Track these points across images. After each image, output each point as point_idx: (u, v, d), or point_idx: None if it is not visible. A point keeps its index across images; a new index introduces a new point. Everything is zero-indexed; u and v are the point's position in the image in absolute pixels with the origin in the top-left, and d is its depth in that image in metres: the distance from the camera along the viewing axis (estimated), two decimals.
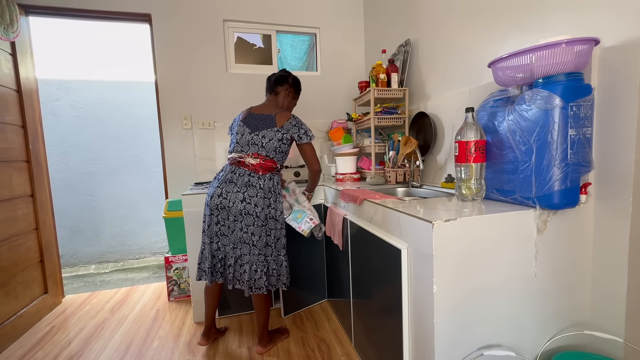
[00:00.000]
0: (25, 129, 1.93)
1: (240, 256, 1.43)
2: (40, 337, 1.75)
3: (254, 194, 1.41)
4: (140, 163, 3.20)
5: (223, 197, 1.42)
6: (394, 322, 1.06)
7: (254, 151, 1.45)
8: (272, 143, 1.45)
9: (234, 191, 1.41)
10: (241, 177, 1.43)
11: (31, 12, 2.01)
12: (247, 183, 1.42)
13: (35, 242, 1.96)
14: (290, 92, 1.61)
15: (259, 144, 1.45)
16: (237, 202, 1.40)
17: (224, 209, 1.42)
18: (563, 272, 0.99)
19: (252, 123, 1.48)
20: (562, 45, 0.85)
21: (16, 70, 1.88)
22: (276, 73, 1.62)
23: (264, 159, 1.45)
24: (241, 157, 1.45)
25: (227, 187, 1.43)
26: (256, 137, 1.45)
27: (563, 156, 0.87)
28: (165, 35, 2.21)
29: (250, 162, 1.43)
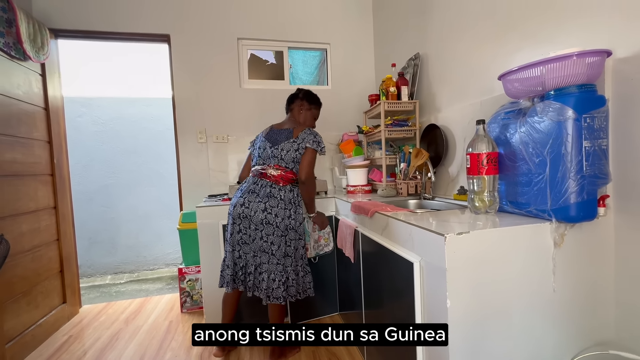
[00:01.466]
0: (51, 144, 2.03)
1: (260, 264, 1.47)
2: (58, 346, 1.79)
3: (275, 204, 1.46)
4: (156, 176, 3.29)
5: (245, 207, 1.47)
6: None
7: (275, 163, 1.52)
8: (290, 154, 1.51)
9: (256, 201, 1.46)
10: (263, 187, 1.49)
11: (60, 35, 2.15)
12: (269, 194, 1.47)
13: (56, 253, 2.03)
14: (303, 105, 1.66)
15: (278, 156, 1.52)
16: (258, 212, 1.45)
17: (246, 218, 1.47)
18: (583, 287, 0.96)
19: (272, 138, 1.58)
20: (573, 58, 0.85)
21: (45, 89, 2.00)
22: (294, 92, 1.72)
23: (284, 170, 1.51)
24: (264, 169, 1.53)
25: (249, 197, 1.49)
26: (276, 150, 1.53)
27: (578, 168, 0.86)
28: (182, 54, 2.31)
29: (272, 174, 1.50)
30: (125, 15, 2.21)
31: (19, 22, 1.69)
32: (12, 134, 1.70)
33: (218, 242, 1.82)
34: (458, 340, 0.85)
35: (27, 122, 1.83)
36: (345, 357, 1.59)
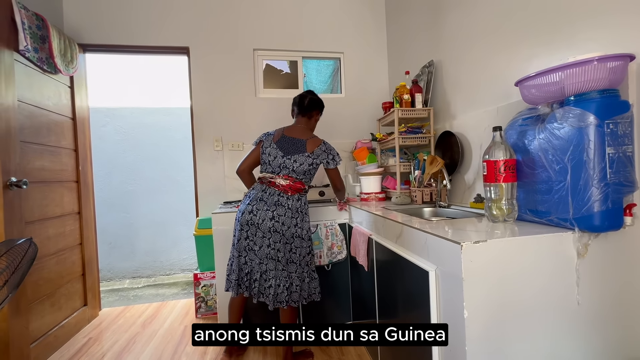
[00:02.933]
0: (77, 153, 2.13)
1: (266, 271, 1.48)
2: (78, 348, 1.84)
3: (283, 213, 1.48)
4: (173, 183, 3.39)
5: (253, 214, 1.49)
6: (423, 348, 1.01)
7: (285, 173, 1.53)
8: (303, 167, 1.53)
9: (264, 209, 1.48)
10: (271, 196, 1.50)
11: (88, 49, 2.28)
12: (277, 202, 1.49)
13: (79, 257, 2.11)
14: (319, 116, 1.73)
15: (290, 167, 1.52)
16: (266, 220, 1.47)
17: (254, 225, 1.49)
18: (611, 300, 0.91)
19: (284, 147, 1.55)
20: (593, 63, 0.84)
21: (72, 100, 2.12)
22: (306, 95, 1.66)
23: (293, 180, 1.53)
24: (272, 177, 1.53)
25: (257, 204, 1.50)
26: (288, 160, 1.53)
27: (602, 175, 0.83)
28: (201, 65, 2.40)
29: (281, 183, 1.51)
30: (148, 29, 2.32)
31: (51, 39, 1.81)
32: (43, 142, 1.80)
33: None
34: (476, 351, 0.82)
35: (56, 131, 1.94)
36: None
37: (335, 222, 1.90)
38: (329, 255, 1.86)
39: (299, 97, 1.66)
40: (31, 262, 1.15)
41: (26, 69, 1.69)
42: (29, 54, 1.66)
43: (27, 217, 1.62)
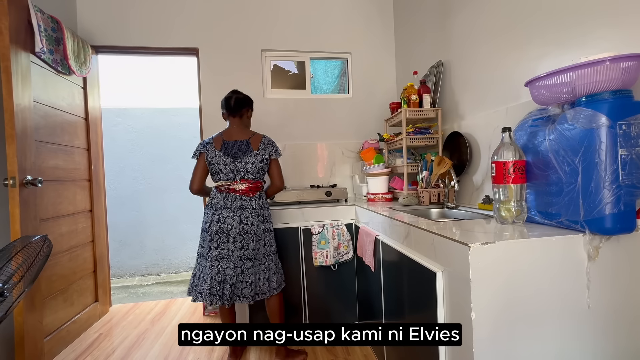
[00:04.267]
0: (89, 152, 2.18)
1: (243, 272, 1.53)
2: (90, 343, 1.89)
3: (249, 215, 1.53)
4: (182, 182, 3.43)
5: (222, 223, 1.51)
6: (430, 350, 1.01)
7: (240, 177, 1.54)
8: (255, 166, 1.55)
9: (230, 215, 1.51)
10: (234, 202, 1.53)
11: (100, 51, 2.33)
12: (241, 206, 1.53)
13: (90, 254, 2.15)
14: (250, 112, 1.69)
15: (243, 170, 1.53)
16: (234, 225, 1.51)
17: (224, 233, 1.51)
18: (623, 305, 0.89)
19: (230, 151, 1.53)
20: (606, 63, 0.82)
21: (85, 101, 2.17)
22: (230, 96, 1.62)
23: (251, 182, 1.56)
24: (230, 184, 1.54)
25: (223, 212, 1.52)
26: (240, 164, 1.53)
27: (614, 177, 0.81)
28: (209, 66, 2.43)
29: (240, 188, 1.54)
30: (158, 31, 2.36)
31: (66, 41, 1.85)
32: (57, 142, 1.85)
33: None
34: (483, 354, 0.82)
35: (70, 131, 1.98)
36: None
37: (342, 222, 1.90)
38: (335, 255, 1.86)
39: (225, 100, 1.62)
40: (45, 259, 1.18)
41: (41, 70, 1.74)
42: (45, 56, 1.71)
43: (41, 215, 1.66)
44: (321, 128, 2.55)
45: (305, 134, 2.53)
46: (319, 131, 2.54)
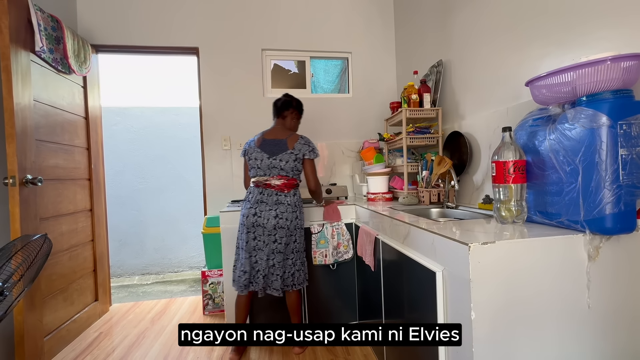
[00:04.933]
0: (89, 151, 2.18)
1: (273, 265, 1.61)
2: (90, 342, 1.89)
3: (284, 210, 1.61)
4: (182, 181, 3.43)
5: (258, 216, 1.59)
6: (430, 349, 1.01)
7: (276, 173, 1.62)
8: (289, 164, 1.62)
9: (266, 209, 1.60)
10: (270, 196, 1.62)
11: (100, 50, 2.32)
12: (277, 201, 1.61)
13: (90, 253, 2.15)
14: (295, 114, 1.77)
15: (278, 167, 1.62)
16: (270, 219, 1.59)
17: (260, 226, 1.60)
18: (623, 305, 0.89)
19: (268, 149, 1.64)
20: (607, 62, 0.82)
21: (85, 100, 2.17)
22: (280, 98, 1.77)
23: (286, 179, 1.63)
24: (267, 179, 1.62)
25: (259, 206, 1.61)
26: (275, 161, 1.62)
27: (614, 177, 0.81)
28: (210, 65, 2.42)
29: (276, 183, 1.62)
30: (158, 30, 2.36)
31: (66, 40, 1.85)
32: (57, 141, 1.85)
33: None
34: (483, 354, 0.82)
35: (70, 130, 1.98)
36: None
37: (341, 221, 1.90)
38: (335, 254, 1.86)
39: (275, 101, 1.77)
40: (45, 258, 1.18)
41: (42, 69, 1.74)
42: (45, 55, 1.70)
43: (41, 214, 1.66)
44: (321, 127, 2.55)
45: (305, 134, 2.48)
46: (319, 131, 2.54)
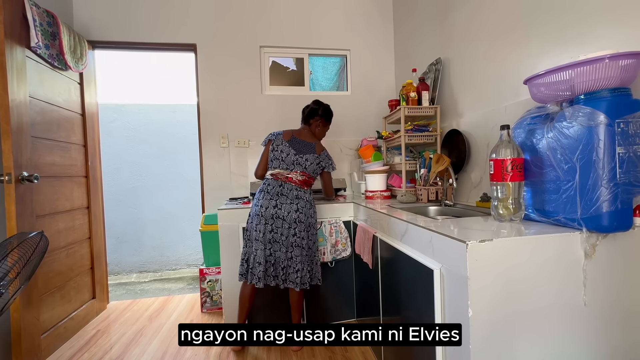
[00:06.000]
0: (86, 148, 2.17)
1: (292, 258, 1.62)
2: (87, 339, 1.88)
3: (304, 205, 1.65)
4: (180, 179, 3.42)
5: (278, 208, 1.62)
6: (427, 347, 1.01)
7: (300, 170, 1.68)
8: (312, 166, 1.70)
9: (288, 203, 1.63)
10: (290, 191, 1.66)
11: (97, 46, 2.30)
12: (297, 196, 1.65)
13: (87, 251, 2.15)
14: (321, 122, 1.81)
15: (303, 164, 1.68)
16: (291, 212, 1.62)
17: (279, 218, 1.62)
18: (618, 302, 0.90)
19: (296, 146, 1.71)
20: (605, 60, 0.82)
21: (82, 97, 2.15)
22: (308, 105, 1.81)
23: (307, 176, 1.70)
24: (289, 173, 1.66)
25: (280, 199, 1.63)
26: (301, 159, 1.68)
27: (611, 175, 0.82)
28: (207, 62, 2.41)
29: (298, 179, 1.67)
30: (155, 26, 2.34)
31: (62, 35, 1.83)
32: (53, 138, 1.84)
33: (238, 244, 1.86)
34: (480, 351, 0.82)
35: (66, 127, 1.97)
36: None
37: (339, 219, 1.90)
38: (333, 252, 1.87)
39: (304, 108, 1.83)
40: (42, 255, 1.18)
41: (37, 65, 1.72)
42: (40, 51, 1.69)
43: (38, 211, 1.65)
44: None
45: None
46: None
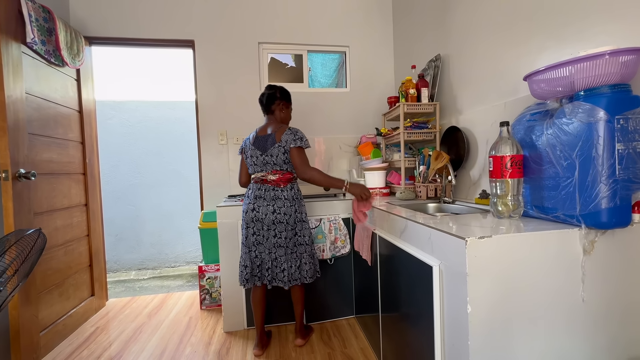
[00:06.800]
0: (84, 145, 2.15)
1: (276, 258, 1.62)
2: (86, 336, 1.88)
3: (282, 205, 1.60)
4: (178, 176, 3.41)
5: (256, 211, 1.61)
6: (425, 342, 1.02)
7: (270, 169, 1.61)
8: (280, 157, 1.59)
9: (264, 205, 1.60)
10: (267, 192, 1.61)
11: (94, 42, 2.28)
12: (274, 196, 1.61)
13: (86, 248, 2.14)
14: (282, 104, 1.70)
15: (271, 162, 1.60)
16: (268, 214, 1.59)
17: (258, 220, 1.60)
18: (616, 298, 0.91)
19: (260, 145, 1.62)
20: (605, 57, 0.82)
21: (79, 93, 2.13)
22: (264, 93, 1.69)
23: (281, 173, 1.62)
24: (263, 175, 1.63)
25: (257, 202, 1.61)
26: (267, 157, 1.60)
27: (610, 172, 0.82)
28: (206, 58, 2.39)
29: (272, 179, 1.61)
30: (153, 22, 2.32)
31: (58, 31, 1.81)
32: (50, 135, 1.82)
33: (237, 241, 1.86)
34: (479, 347, 0.83)
35: (63, 123, 1.95)
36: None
37: (339, 216, 1.90)
38: (332, 249, 1.87)
39: (260, 97, 1.70)
40: (40, 252, 1.17)
41: (33, 61, 1.70)
42: (36, 47, 1.67)
43: (35, 209, 1.64)
44: (318, 122, 2.54)
45: (302, 128, 2.48)
46: (316, 125, 2.53)
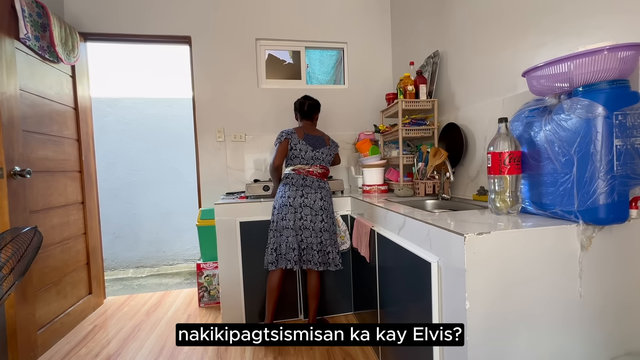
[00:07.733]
0: (80, 143, 2.13)
1: (322, 242, 1.75)
2: (84, 335, 1.88)
3: (326, 194, 1.79)
4: (176, 174, 3.39)
5: (305, 198, 1.75)
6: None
7: (319, 163, 1.82)
8: (328, 157, 1.86)
9: (312, 192, 1.76)
10: (313, 182, 1.79)
11: (89, 38, 2.25)
12: (319, 186, 1.79)
13: (83, 246, 2.13)
14: (318, 114, 1.94)
15: (320, 158, 1.83)
16: (317, 201, 1.75)
17: (307, 206, 1.74)
18: (613, 293, 0.91)
19: (311, 143, 1.83)
20: (604, 52, 0.82)
21: (74, 90, 2.11)
22: (305, 101, 1.88)
23: (325, 169, 1.85)
24: (309, 168, 1.80)
25: (305, 189, 1.76)
26: (317, 153, 1.82)
27: (608, 168, 0.82)
28: (202, 55, 2.37)
29: (318, 172, 1.82)
30: (149, 18, 2.30)
31: (52, 27, 1.79)
32: (45, 132, 1.80)
33: (235, 238, 1.85)
34: (477, 343, 0.83)
35: (59, 121, 1.93)
36: (359, 357, 1.58)
37: (337, 213, 1.90)
38: None
39: (299, 104, 1.89)
40: (36, 251, 1.16)
41: (27, 57, 1.68)
42: (30, 43, 1.65)
43: (31, 206, 1.63)
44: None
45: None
46: None
